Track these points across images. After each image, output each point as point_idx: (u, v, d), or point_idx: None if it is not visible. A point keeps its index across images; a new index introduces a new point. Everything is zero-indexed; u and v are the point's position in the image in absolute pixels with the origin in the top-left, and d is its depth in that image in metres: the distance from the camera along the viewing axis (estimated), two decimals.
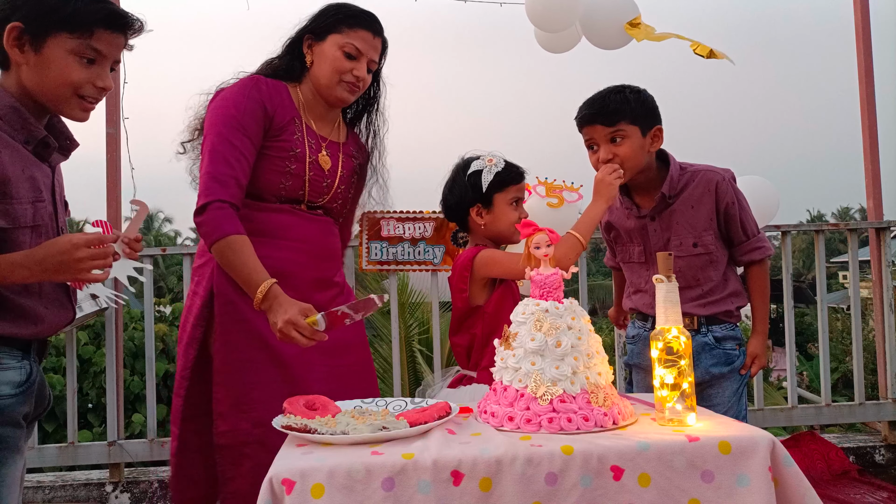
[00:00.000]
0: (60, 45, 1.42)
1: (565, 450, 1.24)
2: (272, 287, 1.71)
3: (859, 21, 3.58)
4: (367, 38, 1.95)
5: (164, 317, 9.32)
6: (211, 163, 1.82)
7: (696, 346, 2.11)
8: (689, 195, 2.14)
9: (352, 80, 1.94)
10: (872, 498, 2.92)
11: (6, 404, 1.39)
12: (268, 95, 1.91)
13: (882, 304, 3.47)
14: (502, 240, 2.14)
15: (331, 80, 1.93)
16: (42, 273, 1.35)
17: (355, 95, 1.99)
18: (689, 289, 2.11)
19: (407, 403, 1.54)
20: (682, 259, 2.12)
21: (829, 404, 3.46)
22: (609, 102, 2.05)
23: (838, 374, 9.84)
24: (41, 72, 1.42)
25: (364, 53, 1.94)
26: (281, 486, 1.17)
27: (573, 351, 1.40)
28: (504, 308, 1.92)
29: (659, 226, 2.16)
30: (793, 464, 1.28)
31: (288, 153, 1.92)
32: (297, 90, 1.99)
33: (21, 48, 1.41)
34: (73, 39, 1.42)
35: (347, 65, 1.93)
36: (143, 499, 3.16)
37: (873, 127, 3.54)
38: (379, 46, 1.99)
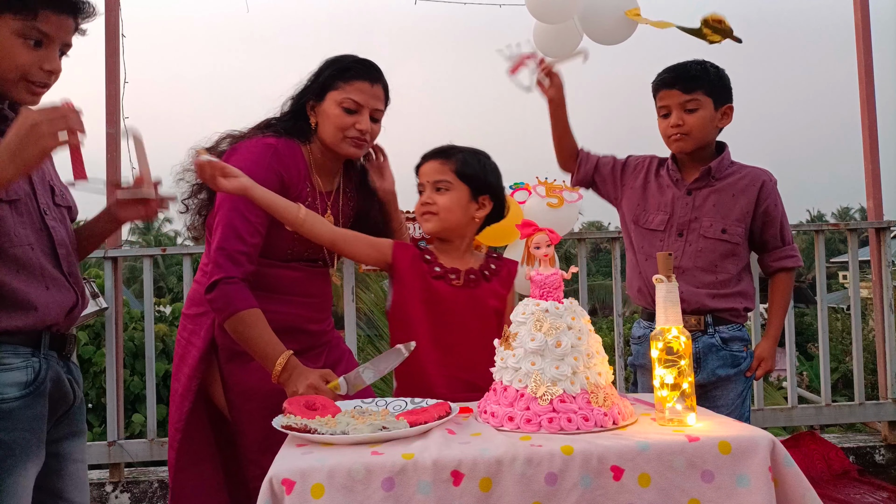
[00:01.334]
0: (5, 27, 1.38)
1: (565, 450, 1.24)
2: (290, 359, 1.70)
3: (859, 21, 3.58)
4: (365, 89, 1.90)
5: (164, 317, 9.33)
6: (224, 238, 1.79)
7: (703, 348, 2.12)
8: (732, 183, 2.17)
9: (355, 136, 1.89)
10: (872, 498, 2.92)
11: (13, 407, 1.34)
12: (285, 166, 1.88)
13: (882, 304, 3.47)
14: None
15: (335, 137, 1.90)
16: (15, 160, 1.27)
17: (363, 149, 1.95)
18: (705, 272, 2.13)
19: (407, 403, 1.54)
20: (707, 240, 2.14)
21: (829, 404, 3.46)
22: (690, 70, 2.11)
23: (838, 374, 9.83)
24: None
25: (364, 105, 1.89)
26: (281, 486, 1.17)
27: (573, 351, 1.40)
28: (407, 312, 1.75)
29: (692, 202, 2.16)
30: (793, 464, 1.28)
31: None
32: (309, 149, 1.96)
33: None
34: (18, 21, 1.38)
35: (349, 120, 1.88)
36: (143, 499, 3.16)
37: (873, 127, 3.54)
38: (380, 94, 1.94)
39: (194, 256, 3.34)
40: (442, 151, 1.81)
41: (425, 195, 1.79)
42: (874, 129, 3.54)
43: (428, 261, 1.77)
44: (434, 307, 1.73)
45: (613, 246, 3.56)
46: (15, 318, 1.37)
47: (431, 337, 1.71)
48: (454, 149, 1.82)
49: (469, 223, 1.80)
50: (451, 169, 1.78)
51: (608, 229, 29.08)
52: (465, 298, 1.74)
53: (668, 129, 2.13)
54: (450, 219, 1.78)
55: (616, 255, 3.55)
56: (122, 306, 3.33)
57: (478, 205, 1.80)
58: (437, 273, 1.75)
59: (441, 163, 1.79)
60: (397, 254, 1.77)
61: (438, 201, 1.77)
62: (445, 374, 1.70)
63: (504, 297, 1.81)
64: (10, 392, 1.34)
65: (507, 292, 1.82)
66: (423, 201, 1.79)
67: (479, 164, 1.81)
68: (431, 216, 1.78)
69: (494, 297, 1.79)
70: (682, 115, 2.10)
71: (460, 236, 1.81)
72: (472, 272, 1.77)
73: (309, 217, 1.71)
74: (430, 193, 1.78)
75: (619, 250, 3.60)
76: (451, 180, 1.77)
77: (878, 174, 3.54)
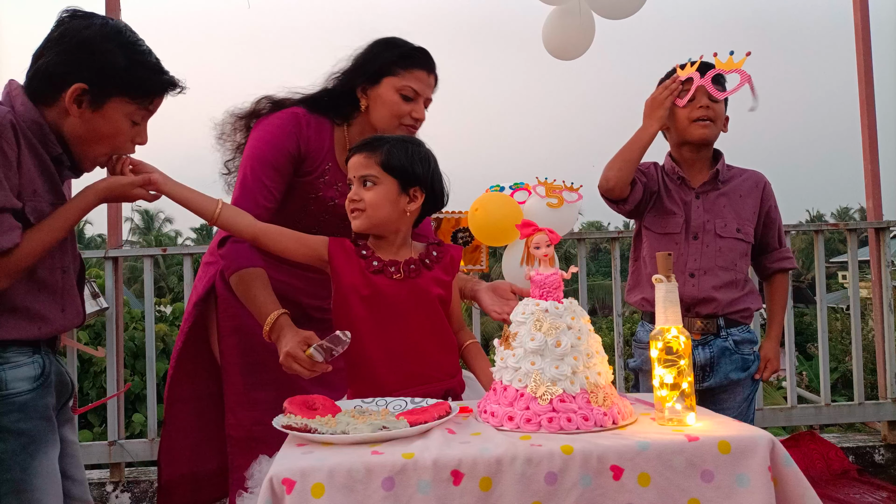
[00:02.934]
0: (119, 109, 1.51)
1: (565, 449, 1.24)
2: (279, 318, 1.71)
3: (859, 21, 3.59)
4: (423, 78, 1.91)
5: (165, 317, 9.33)
6: (238, 198, 1.85)
7: (717, 351, 2.11)
8: (738, 185, 2.19)
9: (410, 123, 1.92)
10: (872, 498, 2.93)
11: (27, 399, 1.45)
12: (306, 137, 1.89)
13: (881, 304, 3.48)
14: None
15: (389, 124, 1.91)
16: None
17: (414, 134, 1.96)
18: (725, 271, 2.14)
19: (407, 403, 1.54)
20: (725, 240, 2.15)
21: (828, 404, 3.46)
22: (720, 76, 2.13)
23: (838, 374, 9.84)
24: (91, 127, 1.50)
25: (421, 94, 1.91)
26: (281, 486, 1.17)
27: (573, 351, 1.40)
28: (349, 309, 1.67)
29: (703, 205, 2.17)
30: (792, 464, 1.28)
31: (310, 195, 1.94)
32: (344, 131, 1.96)
33: (79, 105, 1.47)
34: (132, 104, 1.52)
35: (406, 108, 1.90)
36: (143, 498, 3.16)
37: (873, 127, 3.54)
38: (434, 83, 1.95)
39: (195, 256, 3.35)
40: (367, 144, 1.70)
41: (352, 191, 1.69)
42: (874, 129, 3.54)
43: (365, 256, 1.68)
44: (375, 302, 1.66)
45: (613, 246, 3.57)
46: (27, 330, 1.48)
47: (376, 333, 1.65)
48: (380, 140, 1.71)
49: (401, 217, 1.70)
50: (377, 162, 1.67)
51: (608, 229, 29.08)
52: (407, 290, 1.67)
53: (696, 111, 2.11)
54: (378, 215, 1.67)
55: (616, 255, 3.55)
56: (123, 306, 3.33)
57: (409, 197, 1.69)
58: (376, 267, 1.67)
59: (366, 156, 1.68)
60: (333, 250, 1.69)
61: (365, 197, 1.66)
62: (395, 369, 1.66)
63: (448, 283, 1.74)
64: (23, 386, 1.45)
65: (450, 278, 1.75)
66: (350, 198, 1.69)
67: (406, 155, 1.69)
68: (359, 213, 1.67)
69: (437, 284, 1.71)
70: (708, 102, 2.11)
71: (394, 231, 1.70)
72: (411, 262, 1.69)
73: (225, 212, 1.68)
74: (357, 189, 1.68)
75: (618, 250, 3.61)
76: (378, 174, 1.67)
77: (877, 174, 3.54)
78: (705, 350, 2.13)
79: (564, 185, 3.09)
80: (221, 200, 1.70)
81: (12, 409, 1.43)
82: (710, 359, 2.13)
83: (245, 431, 1.91)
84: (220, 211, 1.68)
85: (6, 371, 1.43)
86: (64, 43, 1.46)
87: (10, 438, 1.42)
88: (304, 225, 1.93)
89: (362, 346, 1.64)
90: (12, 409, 1.43)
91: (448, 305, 1.75)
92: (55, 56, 1.45)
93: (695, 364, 2.06)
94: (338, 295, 1.69)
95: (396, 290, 1.66)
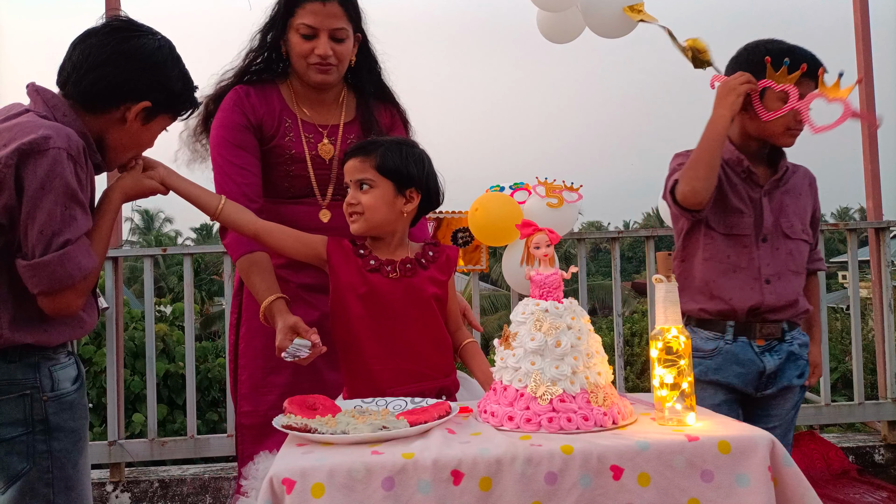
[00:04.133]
0: (163, 123, 1.61)
1: (565, 449, 1.24)
2: (271, 304, 1.75)
3: (859, 21, 3.59)
4: (317, 10, 1.83)
5: (165, 317, 9.32)
6: (219, 184, 1.88)
7: (783, 356, 1.95)
8: (795, 182, 2.03)
9: (316, 62, 1.85)
10: (872, 498, 2.93)
11: (74, 398, 1.51)
12: (251, 105, 1.91)
13: (881, 304, 3.48)
14: None
15: (300, 66, 1.88)
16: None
17: (332, 73, 1.89)
18: (796, 275, 1.99)
19: (407, 403, 1.54)
20: (793, 241, 1.99)
21: (828, 404, 3.46)
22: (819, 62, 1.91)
23: (838, 374, 9.84)
24: (136, 139, 1.58)
25: (319, 27, 1.83)
26: (281, 486, 1.17)
27: (573, 351, 1.40)
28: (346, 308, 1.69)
29: (769, 203, 1.98)
30: (792, 463, 1.28)
31: (285, 156, 1.93)
32: (289, 85, 1.96)
33: (135, 117, 1.54)
34: (172, 119, 1.62)
35: (307, 46, 1.85)
36: (143, 498, 3.16)
37: (873, 127, 3.54)
38: (337, 11, 1.84)
39: (194, 256, 3.35)
40: (362, 147, 1.73)
41: (349, 195, 1.71)
42: (874, 129, 3.54)
43: (362, 255, 1.71)
44: (372, 300, 1.68)
45: (613, 246, 3.57)
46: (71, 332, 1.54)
47: (372, 331, 1.67)
48: (375, 143, 1.73)
49: (398, 218, 1.72)
50: (372, 165, 1.69)
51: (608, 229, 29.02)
52: (403, 289, 1.69)
53: (793, 122, 1.90)
54: (375, 218, 1.69)
55: (616, 255, 3.56)
56: (123, 306, 3.33)
57: (405, 199, 1.71)
58: (373, 266, 1.69)
59: (361, 160, 1.70)
60: (331, 249, 1.71)
61: (362, 200, 1.68)
62: (390, 367, 1.67)
63: (444, 283, 1.75)
64: (69, 386, 1.51)
65: (446, 278, 1.76)
66: (348, 201, 1.70)
67: (400, 157, 1.70)
68: (357, 216, 1.69)
69: (433, 283, 1.73)
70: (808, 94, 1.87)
71: (391, 232, 1.73)
72: (407, 261, 1.71)
73: (227, 208, 1.71)
74: (354, 192, 1.70)
75: (618, 250, 3.61)
76: (374, 177, 1.68)
77: (877, 174, 3.54)
78: (773, 356, 1.95)
79: (564, 184, 3.09)
80: (224, 196, 1.72)
81: (64, 408, 1.48)
82: (777, 365, 1.95)
83: (260, 418, 1.90)
84: (223, 206, 1.70)
85: (58, 372, 1.49)
86: (135, 60, 1.51)
87: (63, 437, 1.47)
88: (295, 190, 1.95)
89: (358, 342, 1.66)
90: (64, 408, 1.48)
91: (444, 305, 1.75)
92: (125, 72, 1.50)
93: (762, 372, 1.93)
94: (335, 293, 1.70)
95: (392, 289, 1.68)
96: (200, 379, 7.59)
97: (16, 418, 1.42)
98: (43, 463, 1.44)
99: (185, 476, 3.21)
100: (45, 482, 1.44)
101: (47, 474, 1.44)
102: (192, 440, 3.23)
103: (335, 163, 1.95)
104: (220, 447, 3.26)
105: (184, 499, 3.17)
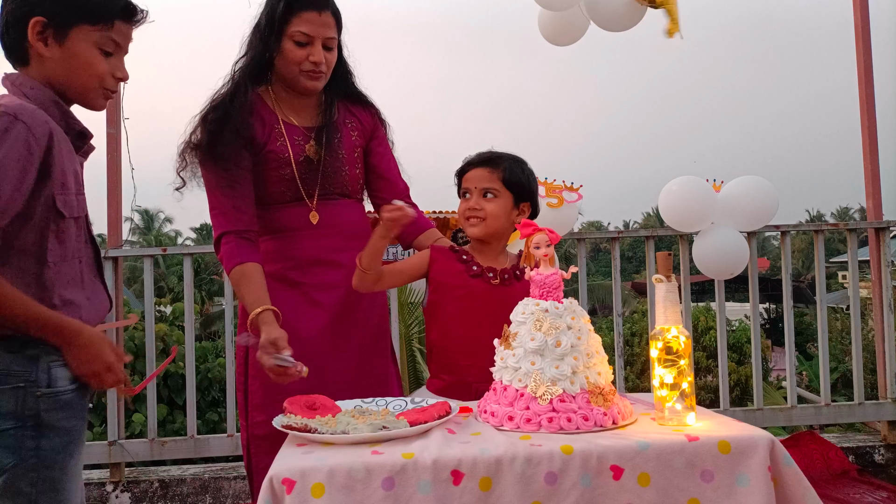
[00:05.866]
0: (84, 38, 1.47)
1: (565, 449, 1.24)
2: (258, 316, 1.75)
3: (859, 21, 3.59)
4: (313, 19, 1.87)
5: (165, 317, 9.32)
6: (211, 198, 1.90)
7: None
8: None
9: (310, 68, 1.89)
10: (872, 498, 2.93)
11: (70, 398, 1.46)
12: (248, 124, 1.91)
13: (881, 304, 3.48)
14: None
15: (291, 72, 1.90)
16: (53, 339, 1.41)
17: (321, 80, 1.94)
18: None
19: (407, 403, 1.55)
20: None
21: (828, 404, 3.46)
22: None
23: (838, 374, 9.85)
24: (67, 64, 1.46)
25: (315, 35, 1.87)
26: (281, 486, 1.17)
27: (573, 351, 1.40)
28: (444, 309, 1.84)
29: None
30: (792, 463, 1.28)
31: (279, 160, 1.93)
32: (270, 90, 1.97)
33: (45, 42, 1.44)
34: (96, 31, 1.47)
35: (301, 53, 1.87)
36: (143, 498, 3.16)
37: (873, 127, 3.54)
38: (330, 21, 1.90)
39: (194, 256, 3.35)
40: (490, 160, 1.88)
41: (473, 200, 1.85)
42: (874, 129, 3.55)
43: (465, 260, 1.86)
44: (469, 302, 1.80)
45: (613, 246, 3.56)
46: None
47: (465, 330, 1.77)
48: (501, 157, 1.89)
49: (509, 228, 1.89)
50: (499, 177, 1.85)
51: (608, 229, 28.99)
52: (500, 296, 1.77)
53: None
54: (495, 224, 1.85)
55: (616, 255, 3.56)
56: (123, 306, 3.33)
57: (518, 211, 1.89)
58: (475, 272, 1.84)
59: (490, 171, 1.86)
60: (435, 256, 1.88)
61: (486, 207, 1.84)
62: (478, 365, 1.69)
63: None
64: (66, 385, 1.45)
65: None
66: (472, 206, 1.85)
67: (523, 173, 1.89)
68: (479, 221, 1.85)
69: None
70: None
71: (498, 239, 1.89)
72: (506, 272, 1.85)
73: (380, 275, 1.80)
74: (478, 199, 1.85)
75: (618, 250, 3.61)
76: (499, 188, 1.85)
77: (877, 174, 3.54)
78: None
79: (564, 184, 3.09)
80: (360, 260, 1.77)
81: (59, 406, 1.43)
82: None
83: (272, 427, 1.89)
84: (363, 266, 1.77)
85: (56, 369, 1.43)
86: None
87: (54, 436, 1.42)
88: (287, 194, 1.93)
89: (450, 340, 1.81)
90: (59, 406, 1.43)
91: None
92: (10, 3, 1.43)
93: None
94: (433, 294, 1.87)
95: (490, 294, 1.80)
96: (200, 379, 7.59)
97: (7, 410, 1.38)
98: (29, 460, 1.39)
99: (185, 476, 3.21)
100: (30, 481, 1.39)
101: (32, 472, 1.39)
102: (192, 440, 3.23)
103: (321, 164, 1.96)
104: (220, 447, 3.26)
105: (184, 499, 3.17)
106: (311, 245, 1.94)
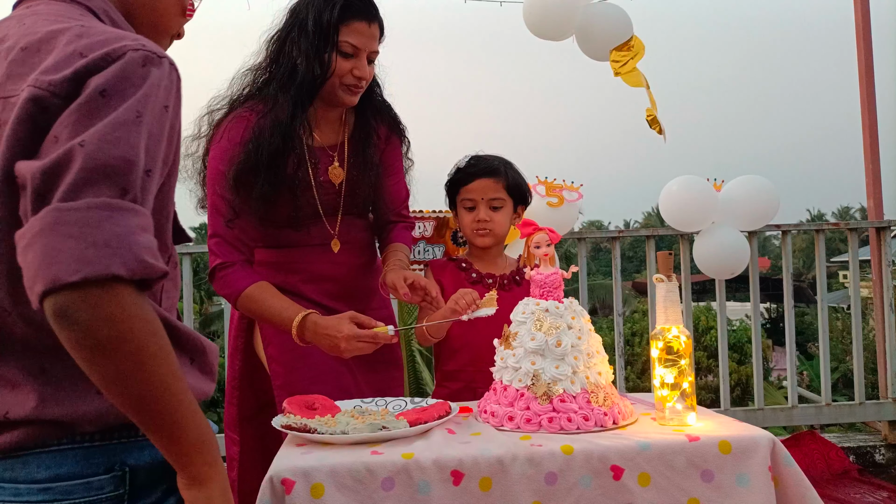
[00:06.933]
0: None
1: (565, 449, 1.24)
2: (303, 320, 1.62)
3: (859, 21, 3.59)
4: (363, 30, 1.71)
5: None
6: (211, 224, 1.74)
7: None
8: None
9: (352, 83, 1.73)
10: (872, 498, 2.92)
11: None
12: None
13: (882, 304, 3.48)
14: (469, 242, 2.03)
15: (330, 84, 1.73)
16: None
17: (358, 96, 1.79)
18: None
19: (407, 403, 1.54)
20: None
21: (829, 404, 3.46)
22: None
23: (838, 374, 9.84)
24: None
25: (362, 48, 1.72)
26: (281, 486, 1.17)
27: (573, 350, 1.40)
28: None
29: None
30: (793, 463, 1.28)
31: (293, 184, 1.77)
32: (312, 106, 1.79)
33: None
34: None
35: (346, 66, 1.71)
36: None
37: (873, 127, 3.54)
38: (377, 34, 1.75)
39: (194, 256, 3.35)
40: (493, 170, 1.89)
41: (481, 213, 1.87)
42: (874, 128, 3.55)
43: (464, 268, 1.89)
44: None
45: (613, 245, 3.56)
46: None
47: (470, 336, 1.78)
48: (498, 164, 1.90)
49: (508, 232, 1.94)
50: (504, 185, 1.88)
51: (608, 229, 29.10)
52: (501, 301, 1.71)
53: None
54: (501, 233, 1.90)
55: (616, 255, 3.55)
56: None
57: (516, 215, 1.93)
58: (475, 278, 1.86)
59: (495, 181, 1.87)
60: (435, 271, 1.90)
61: (495, 219, 1.87)
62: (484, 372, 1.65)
63: None
64: None
65: None
66: (481, 219, 1.87)
67: (520, 178, 1.92)
68: (487, 232, 1.87)
69: None
70: None
71: (499, 245, 1.94)
72: (505, 277, 1.88)
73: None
74: (487, 211, 1.87)
75: (619, 250, 3.60)
76: (504, 197, 1.88)
77: (878, 174, 3.54)
78: None
79: (565, 184, 3.09)
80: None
81: None
82: None
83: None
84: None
85: None
86: None
87: None
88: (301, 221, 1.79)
89: (455, 346, 1.82)
90: None
91: None
92: None
93: None
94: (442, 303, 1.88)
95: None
96: None
97: None
98: None
99: None
100: None
101: None
102: None
103: (344, 187, 1.82)
104: (220, 447, 3.25)
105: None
106: (326, 260, 1.83)
